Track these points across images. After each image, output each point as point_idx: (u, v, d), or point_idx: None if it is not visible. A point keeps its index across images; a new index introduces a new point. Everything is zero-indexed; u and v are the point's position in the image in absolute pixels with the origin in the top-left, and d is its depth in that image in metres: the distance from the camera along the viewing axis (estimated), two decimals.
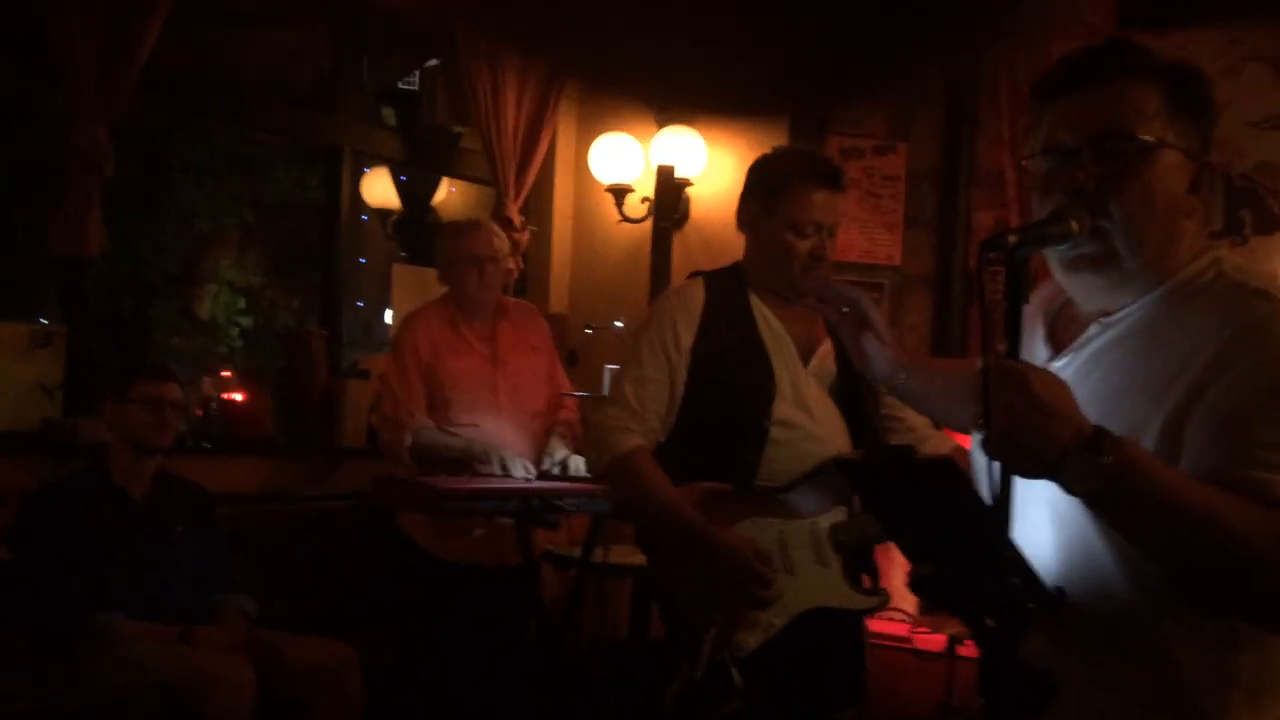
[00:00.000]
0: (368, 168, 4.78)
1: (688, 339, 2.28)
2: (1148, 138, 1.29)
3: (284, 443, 3.91)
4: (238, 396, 4.24)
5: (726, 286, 2.35)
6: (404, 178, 5.03)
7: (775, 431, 2.24)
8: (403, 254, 5.39)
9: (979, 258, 1.30)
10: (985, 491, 1.39)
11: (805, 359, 2.33)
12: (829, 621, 2.21)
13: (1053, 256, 1.37)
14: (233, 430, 3.97)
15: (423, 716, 3.24)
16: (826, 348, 2.35)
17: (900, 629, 3.54)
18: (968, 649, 3.33)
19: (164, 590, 2.85)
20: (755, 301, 2.33)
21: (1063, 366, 1.38)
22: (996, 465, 1.23)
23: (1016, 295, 1.27)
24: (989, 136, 4.28)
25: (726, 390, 2.27)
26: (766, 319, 2.32)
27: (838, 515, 2.24)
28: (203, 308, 6.25)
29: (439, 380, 3.28)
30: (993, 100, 4.21)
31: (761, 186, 2.33)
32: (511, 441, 3.26)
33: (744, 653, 2.11)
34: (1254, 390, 1.21)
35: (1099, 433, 1.19)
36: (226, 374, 6.10)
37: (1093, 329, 1.37)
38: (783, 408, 2.25)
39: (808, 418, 2.27)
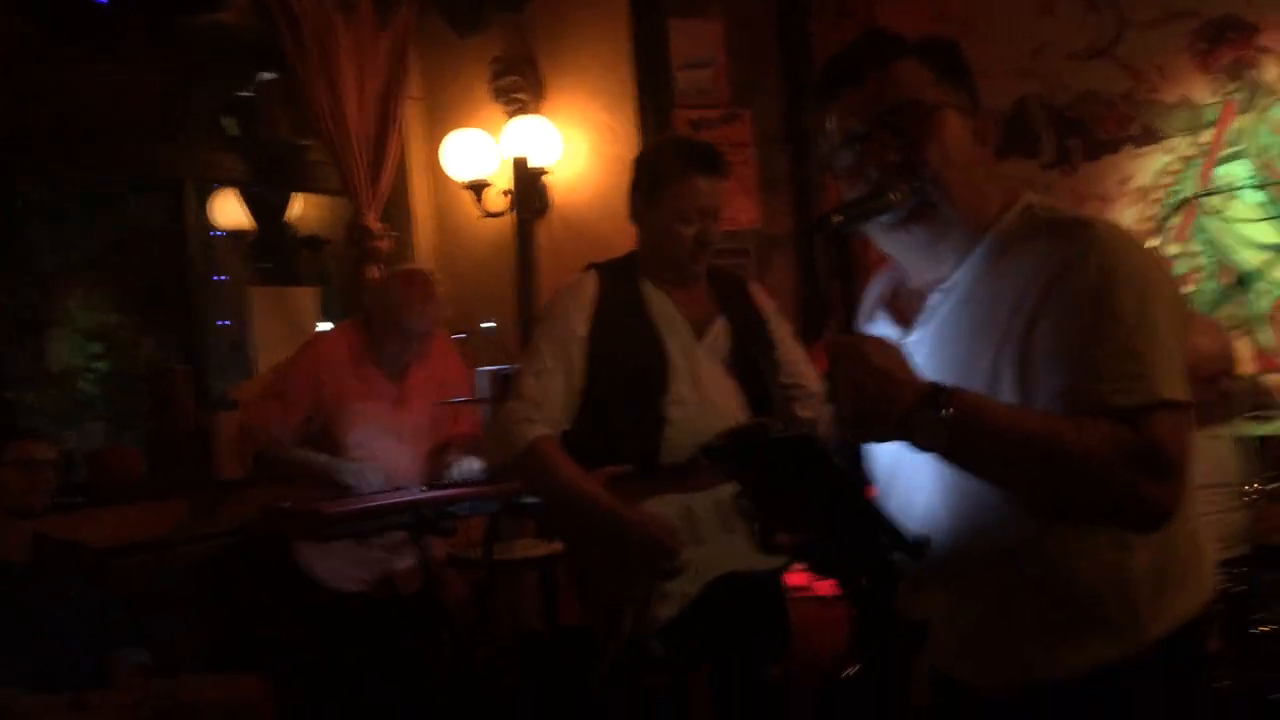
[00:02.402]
0: (203, 192, 4.63)
1: (582, 329, 2.35)
2: (929, 100, 1.39)
3: (160, 485, 3.79)
4: (105, 445, 4.09)
5: (619, 275, 2.44)
6: (248, 197, 4.89)
7: (672, 411, 2.32)
8: (258, 274, 5.24)
9: (810, 238, 1.39)
10: (883, 459, 1.47)
11: (699, 337, 2.41)
12: (745, 584, 2.31)
13: (877, 231, 1.43)
14: (104, 480, 3.83)
15: None
16: (720, 324, 2.44)
17: (800, 579, 3.65)
18: None
19: (56, 657, 2.75)
20: (647, 287, 2.41)
21: (916, 341, 1.45)
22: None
23: (845, 271, 1.33)
24: None
25: (623, 375, 2.34)
26: (658, 303, 2.40)
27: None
28: (54, 356, 5.98)
29: (336, 420, 3.19)
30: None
31: (645, 178, 2.40)
32: (405, 471, 3.21)
33: (661, 624, 2.21)
34: (1081, 311, 1.29)
35: (935, 389, 1.26)
36: (90, 422, 5.89)
37: (934, 298, 1.44)
38: (678, 387, 2.34)
39: (704, 394, 2.36)
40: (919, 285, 1.49)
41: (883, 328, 1.53)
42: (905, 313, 1.51)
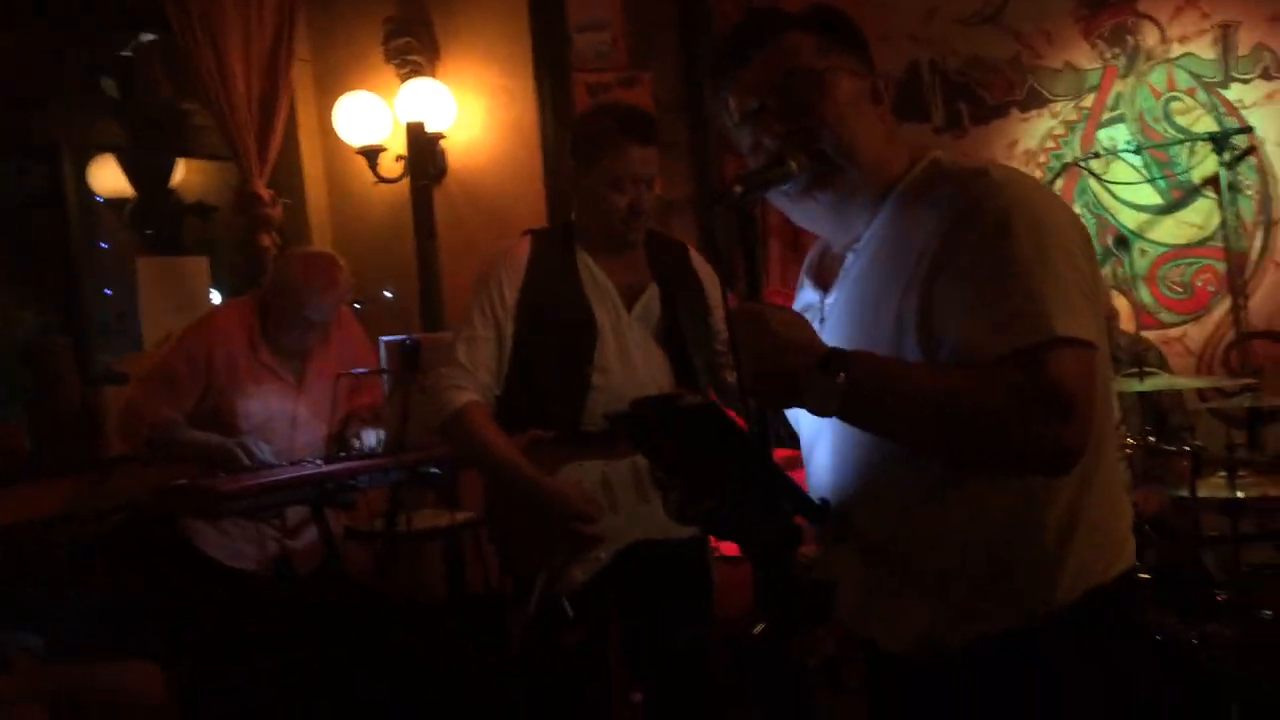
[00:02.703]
0: (81, 158, 4.43)
1: (512, 296, 2.38)
2: (817, 67, 1.41)
3: (45, 464, 3.65)
4: None
5: (553, 241, 2.47)
6: (127, 163, 4.68)
7: (597, 378, 2.37)
8: (145, 237, 5.04)
9: (710, 208, 1.40)
10: (806, 424, 1.49)
11: (629, 305, 2.44)
12: (662, 552, 2.36)
13: (784, 202, 1.45)
14: None
15: None
16: (651, 293, 2.47)
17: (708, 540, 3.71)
18: None
19: None
20: (580, 254, 2.44)
21: (833, 301, 1.47)
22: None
23: (748, 240, 1.35)
24: None
25: (550, 341, 2.38)
26: (590, 269, 2.43)
27: None
28: None
29: (230, 405, 3.06)
30: (724, 26, 4.32)
31: (578, 147, 2.41)
32: (302, 450, 3.14)
33: (575, 588, 2.27)
34: (978, 259, 1.30)
35: (830, 354, 1.28)
36: None
37: (848, 259, 1.46)
38: (605, 355, 2.38)
39: (628, 362, 2.40)
40: (837, 250, 1.51)
41: (808, 293, 1.55)
42: (827, 277, 1.53)
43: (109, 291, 4.39)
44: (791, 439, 1.77)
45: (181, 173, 4.76)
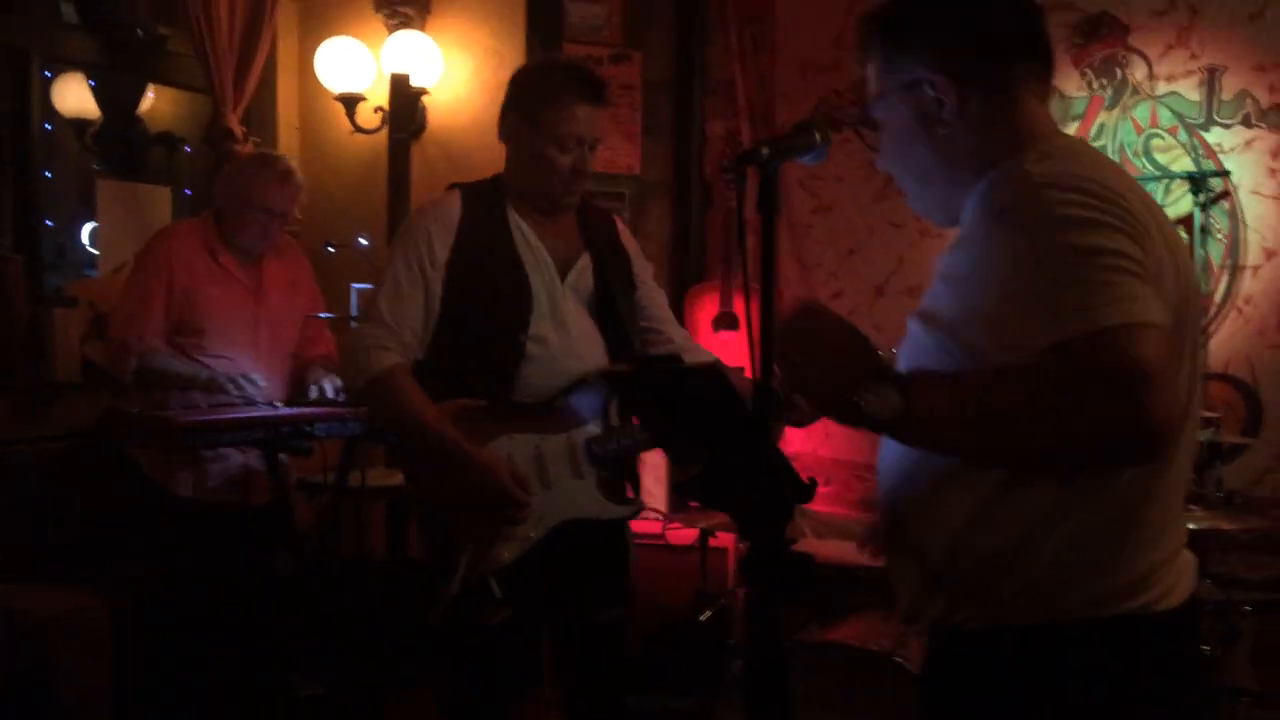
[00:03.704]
0: (50, 72, 4.29)
1: (443, 253, 2.24)
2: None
3: None
4: None
5: (484, 199, 2.32)
6: (93, 83, 4.54)
7: (531, 347, 2.25)
8: (95, 167, 4.90)
9: (729, 169, 1.38)
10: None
11: (563, 274, 2.33)
12: (588, 530, 2.28)
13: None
14: None
15: (174, 656, 3.08)
16: (584, 261, 2.37)
17: (654, 526, 3.71)
18: (719, 541, 3.54)
19: None
20: (513, 215, 2.31)
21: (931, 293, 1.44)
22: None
23: (769, 206, 1.33)
24: (718, 46, 4.38)
25: (482, 305, 2.25)
26: (524, 233, 2.31)
27: (594, 429, 2.28)
28: None
29: (193, 307, 3.05)
30: (720, 12, 4.31)
31: (524, 98, 2.29)
32: (265, 379, 3.08)
33: (500, 565, 2.16)
34: (1004, 263, 1.26)
35: (883, 373, 1.27)
36: None
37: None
38: (539, 323, 2.26)
39: (564, 333, 2.28)
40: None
41: None
42: None
43: (50, 223, 4.25)
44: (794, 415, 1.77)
45: (151, 100, 4.63)
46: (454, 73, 4.18)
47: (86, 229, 4.71)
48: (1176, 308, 1.28)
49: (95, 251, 4.29)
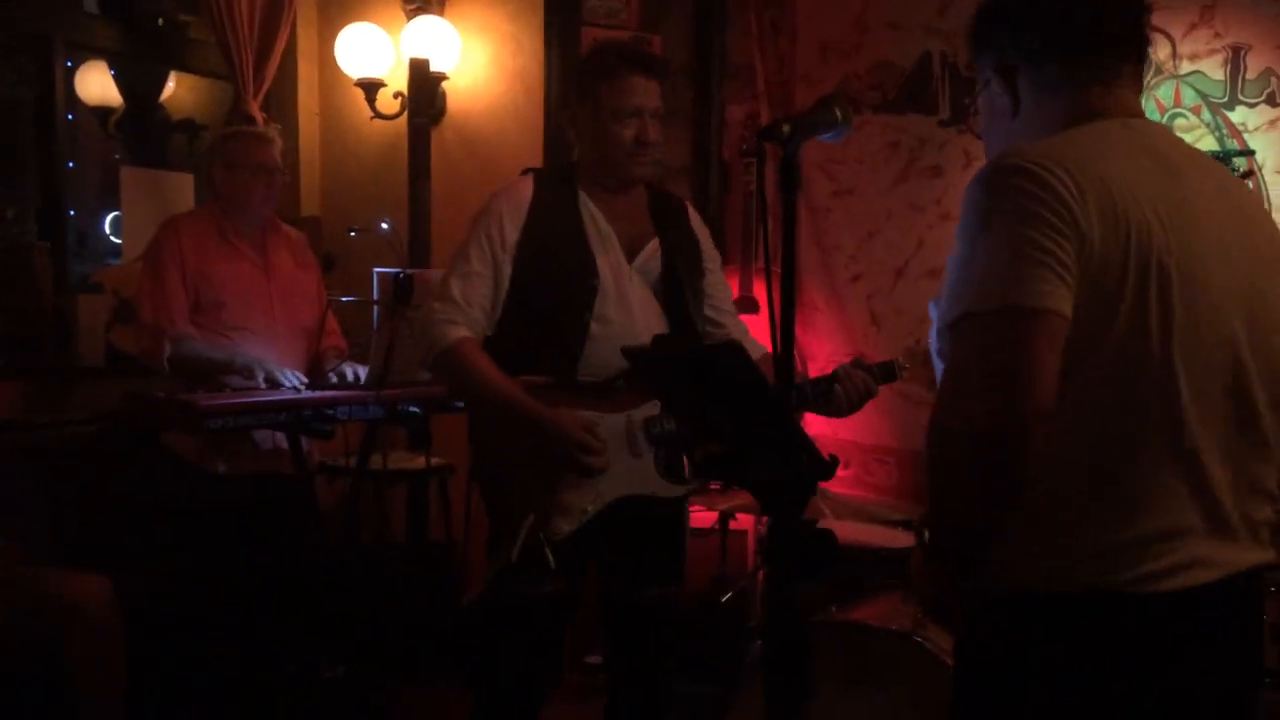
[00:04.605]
0: (71, 61, 4.32)
1: (513, 235, 2.32)
2: None
3: (12, 367, 3.57)
4: None
5: (556, 183, 2.40)
6: (114, 72, 4.57)
7: (595, 327, 2.31)
8: (117, 156, 4.94)
9: (749, 152, 1.39)
10: None
11: (631, 256, 2.39)
12: (645, 507, 2.34)
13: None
14: None
15: (192, 639, 3.12)
16: (653, 245, 2.42)
17: None
18: (738, 523, 3.54)
19: None
20: (583, 198, 2.38)
21: None
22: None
23: (790, 184, 1.34)
24: (737, 30, 4.37)
25: (550, 285, 2.32)
26: (593, 215, 2.38)
27: (653, 409, 2.34)
28: None
29: (210, 282, 3.13)
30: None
31: (583, 80, 2.37)
32: (284, 353, 3.13)
33: (559, 537, 2.23)
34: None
35: None
36: None
37: None
38: (604, 304, 2.32)
39: (628, 314, 2.34)
40: None
41: None
42: None
43: (72, 212, 4.29)
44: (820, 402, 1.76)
45: (172, 87, 4.66)
46: (472, 57, 4.19)
47: (109, 218, 4.76)
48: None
49: (118, 240, 4.34)
